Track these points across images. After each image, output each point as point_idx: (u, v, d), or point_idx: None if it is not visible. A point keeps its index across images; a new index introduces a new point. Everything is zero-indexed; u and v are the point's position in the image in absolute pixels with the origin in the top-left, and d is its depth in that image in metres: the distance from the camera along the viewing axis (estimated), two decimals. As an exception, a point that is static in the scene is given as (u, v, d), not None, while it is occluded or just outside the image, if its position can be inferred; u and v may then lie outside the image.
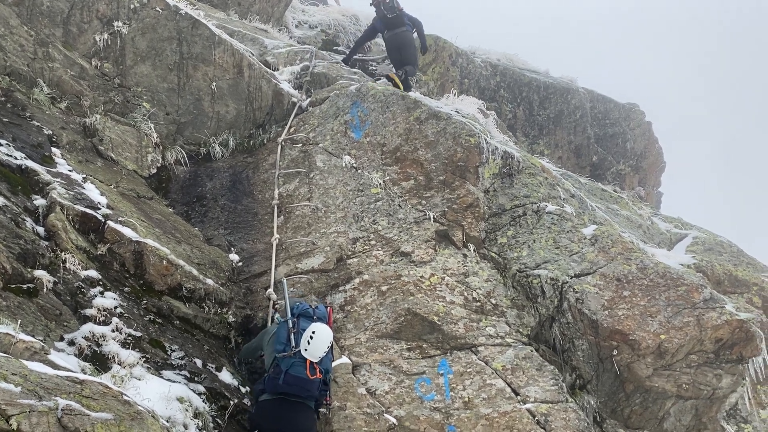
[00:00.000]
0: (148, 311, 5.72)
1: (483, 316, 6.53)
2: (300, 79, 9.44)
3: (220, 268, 6.75)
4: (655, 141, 13.45)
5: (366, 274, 6.74)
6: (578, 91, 12.61)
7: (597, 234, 7.22)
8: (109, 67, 7.95)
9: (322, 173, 7.74)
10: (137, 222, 6.27)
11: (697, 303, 6.51)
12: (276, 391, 5.12)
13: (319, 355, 5.16)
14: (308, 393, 5.14)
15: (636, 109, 13.33)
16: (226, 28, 9.60)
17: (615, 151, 12.76)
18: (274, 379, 5.14)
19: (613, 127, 12.90)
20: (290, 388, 5.07)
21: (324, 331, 5.22)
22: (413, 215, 7.23)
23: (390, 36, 10.14)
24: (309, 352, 5.13)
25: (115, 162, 7.33)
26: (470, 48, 12.60)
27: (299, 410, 5.11)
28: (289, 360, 5.12)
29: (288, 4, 13.69)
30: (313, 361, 5.12)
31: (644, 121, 13.30)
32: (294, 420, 5.07)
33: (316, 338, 5.16)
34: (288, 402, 5.09)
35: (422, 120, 7.80)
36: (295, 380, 5.06)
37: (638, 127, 13.17)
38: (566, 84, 12.71)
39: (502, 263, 7.08)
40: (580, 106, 12.43)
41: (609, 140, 12.78)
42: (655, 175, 13.60)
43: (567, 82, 12.82)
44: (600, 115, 12.86)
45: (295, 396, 5.12)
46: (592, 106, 12.76)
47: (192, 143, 8.20)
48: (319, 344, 5.15)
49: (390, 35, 10.14)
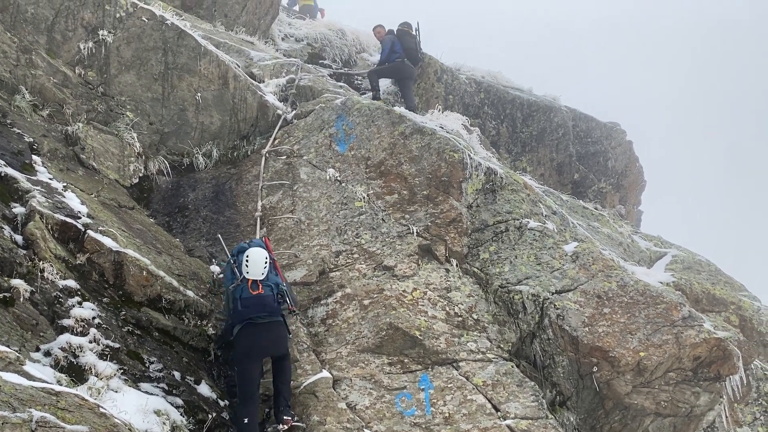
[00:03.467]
0: (127, 322, 5.65)
1: (464, 331, 6.54)
2: (285, 91, 9.45)
3: (201, 279, 6.69)
4: (636, 160, 13.60)
5: (348, 288, 6.73)
6: (561, 109, 12.74)
7: (578, 251, 7.28)
8: (93, 75, 7.90)
9: (305, 186, 7.73)
10: (118, 232, 6.20)
11: (676, 321, 6.57)
12: (241, 318, 5.62)
13: (260, 271, 5.74)
14: (265, 308, 5.65)
15: (617, 128, 13.49)
16: (212, 40, 9.60)
17: (596, 169, 12.89)
18: (234, 309, 5.70)
19: (595, 145, 13.04)
20: (248, 310, 5.60)
21: (256, 251, 5.80)
22: (397, 229, 7.24)
23: (404, 66, 10.60)
24: (250, 273, 5.73)
25: (96, 171, 7.27)
26: (455, 65, 12.70)
27: (272, 328, 5.65)
28: (239, 288, 5.72)
29: (274, 18, 13.73)
30: (258, 279, 5.70)
31: (625, 140, 13.46)
32: (271, 337, 5.62)
33: (251, 259, 5.77)
34: (258, 323, 5.61)
35: (407, 135, 7.84)
36: (248, 301, 5.63)
37: (619, 146, 13.32)
38: (549, 102, 12.84)
39: (485, 279, 7.11)
40: (563, 124, 12.56)
41: (591, 158, 12.91)
42: (635, 193, 13.75)
43: (550, 101, 12.96)
44: (582, 134, 13.00)
45: (258, 317, 5.61)
46: (575, 124, 12.89)
47: (175, 153, 8.16)
48: (256, 262, 5.75)
49: (404, 65, 10.60)
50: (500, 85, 12.82)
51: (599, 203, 11.95)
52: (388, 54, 10.65)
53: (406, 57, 10.67)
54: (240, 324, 5.63)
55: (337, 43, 13.77)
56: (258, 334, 5.59)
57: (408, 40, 10.79)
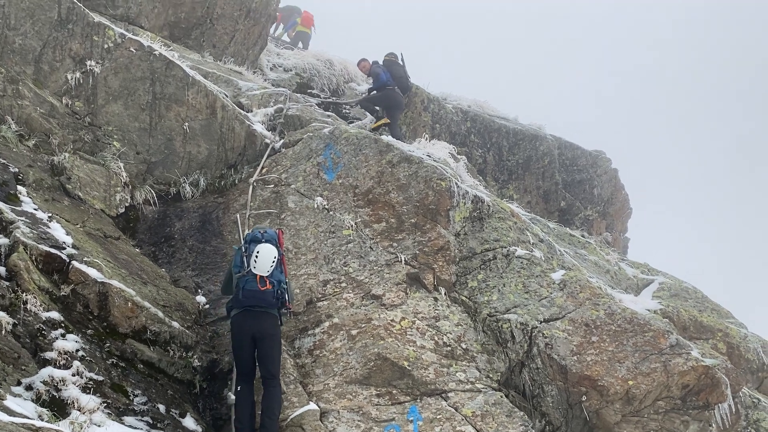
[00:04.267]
0: (111, 354, 5.57)
1: (453, 361, 6.50)
2: (274, 120, 9.49)
3: (187, 310, 6.63)
4: (622, 188, 13.73)
5: (336, 318, 6.68)
6: (546, 137, 12.88)
7: (566, 279, 7.30)
8: (80, 105, 7.89)
9: (293, 214, 7.72)
10: (103, 262, 6.15)
11: (663, 349, 6.57)
12: (240, 306, 5.96)
13: (266, 269, 5.96)
14: (264, 302, 5.94)
15: (602, 156, 13.64)
16: (200, 70, 9.65)
17: (582, 196, 12.99)
18: (236, 296, 5.99)
19: (581, 173, 13.16)
20: (248, 300, 5.92)
21: (267, 249, 6.01)
22: (385, 257, 7.23)
23: (394, 94, 10.70)
24: (257, 268, 5.95)
25: (82, 201, 7.22)
26: (441, 94, 12.84)
27: (262, 317, 5.95)
28: (244, 278, 5.99)
29: (263, 48, 13.85)
30: (263, 275, 5.94)
31: (610, 167, 13.60)
32: (258, 325, 5.92)
33: (260, 256, 5.98)
34: (252, 311, 5.93)
35: (394, 163, 7.88)
36: (250, 293, 5.92)
37: (605, 174, 13.46)
38: (534, 130, 12.99)
39: (473, 307, 7.09)
40: (548, 153, 12.69)
41: (577, 186, 13.02)
42: (621, 221, 13.85)
43: (535, 129, 13.10)
44: (568, 162, 13.13)
45: (256, 306, 5.93)
46: (560, 152, 13.02)
47: (162, 183, 8.13)
48: (264, 260, 5.97)
49: (395, 93, 10.72)
50: (486, 114, 12.96)
51: (586, 230, 12.03)
52: (381, 83, 10.70)
53: (396, 85, 10.75)
54: (238, 309, 6.00)
55: (326, 73, 13.90)
56: (248, 319, 5.95)
57: (396, 68, 10.90)
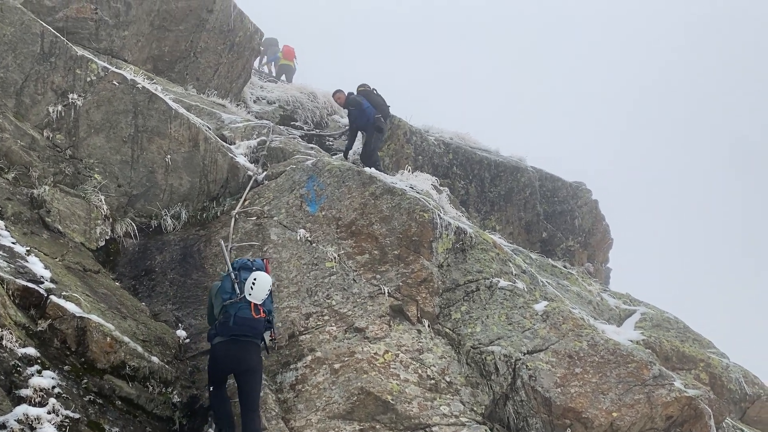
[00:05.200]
0: (89, 391, 5.45)
1: (437, 394, 6.44)
2: (257, 153, 9.51)
3: (167, 345, 6.52)
4: (602, 218, 13.86)
5: (318, 351, 6.61)
6: (527, 169, 13.02)
7: (548, 310, 7.31)
8: (62, 138, 7.86)
9: (276, 247, 7.69)
10: (81, 297, 6.06)
11: (647, 380, 6.58)
12: (228, 333, 5.83)
13: (262, 297, 5.93)
14: (255, 331, 5.89)
15: (583, 188, 13.79)
16: (184, 103, 9.68)
17: (564, 227, 13.09)
18: (224, 323, 5.86)
19: (562, 204, 13.29)
20: (240, 329, 5.82)
21: (264, 277, 6.00)
22: (368, 290, 7.20)
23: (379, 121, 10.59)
24: (253, 295, 5.88)
25: (62, 234, 7.14)
26: (424, 126, 12.98)
27: (248, 347, 5.87)
28: (236, 305, 5.87)
29: (246, 81, 13.95)
30: (257, 304, 5.89)
31: (591, 199, 13.74)
32: (244, 355, 5.84)
33: (257, 284, 5.92)
34: (238, 341, 5.84)
35: (377, 195, 7.91)
36: (243, 321, 5.82)
37: (585, 205, 13.59)
38: (516, 162, 13.13)
39: (457, 339, 7.06)
40: (530, 184, 12.81)
41: (558, 217, 13.13)
42: (603, 251, 13.95)
43: (516, 161, 13.25)
44: (549, 193, 13.26)
45: (243, 336, 5.85)
46: (541, 184, 13.16)
47: (143, 215, 8.08)
48: (261, 288, 5.93)
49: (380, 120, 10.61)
50: (468, 146, 13.10)
51: (568, 261, 12.09)
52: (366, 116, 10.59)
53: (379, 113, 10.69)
54: (223, 338, 5.87)
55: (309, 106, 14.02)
56: (233, 349, 5.85)
57: (373, 98, 10.88)
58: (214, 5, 12.53)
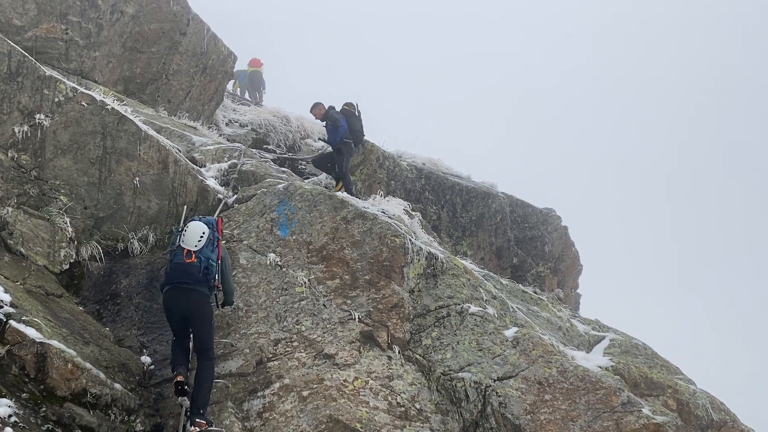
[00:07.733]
0: (47, 420, 5.29)
1: (407, 422, 6.37)
2: (227, 176, 9.44)
3: (130, 371, 6.37)
4: (572, 245, 14.02)
5: (287, 378, 6.51)
6: (498, 195, 13.14)
7: (518, 336, 7.32)
8: (27, 159, 7.70)
9: (245, 271, 7.59)
10: (42, 321, 5.89)
11: (615, 407, 6.60)
12: (169, 281, 6.21)
13: (194, 242, 6.25)
14: (190, 276, 6.14)
15: (553, 214, 13.95)
16: (154, 124, 9.58)
17: (534, 253, 13.20)
18: (166, 271, 6.31)
19: (532, 230, 13.41)
20: (174, 274, 6.17)
21: (195, 225, 6.39)
22: (338, 315, 7.14)
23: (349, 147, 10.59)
24: (185, 242, 6.28)
25: (24, 257, 6.97)
26: (397, 152, 13.04)
27: (189, 295, 6.14)
28: (173, 253, 6.32)
29: (219, 104, 13.91)
30: (190, 249, 6.21)
31: (561, 225, 13.90)
32: (186, 303, 6.14)
33: (188, 231, 6.34)
34: (180, 288, 6.14)
35: (349, 219, 7.88)
36: (176, 266, 6.19)
37: (555, 231, 13.74)
38: (487, 189, 13.24)
39: (427, 366, 7.02)
40: (500, 210, 12.93)
41: (528, 243, 13.23)
42: (572, 277, 14.08)
43: (488, 187, 13.36)
44: (519, 219, 13.38)
45: (183, 282, 6.13)
46: (512, 210, 13.28)
47: (110, 238, 7.92)
48: (192, 234, 6.28)
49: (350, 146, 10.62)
50: (440, 171, 13.18)
51: (538, 287, 12.17)
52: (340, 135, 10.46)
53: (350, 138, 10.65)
54: (167, 286, 6.21)
55: (282, 129, 14.02)
56: (177, 297, 6.15)
57: (354, 121, 10.88)
58: (187, 28, 12.51)
